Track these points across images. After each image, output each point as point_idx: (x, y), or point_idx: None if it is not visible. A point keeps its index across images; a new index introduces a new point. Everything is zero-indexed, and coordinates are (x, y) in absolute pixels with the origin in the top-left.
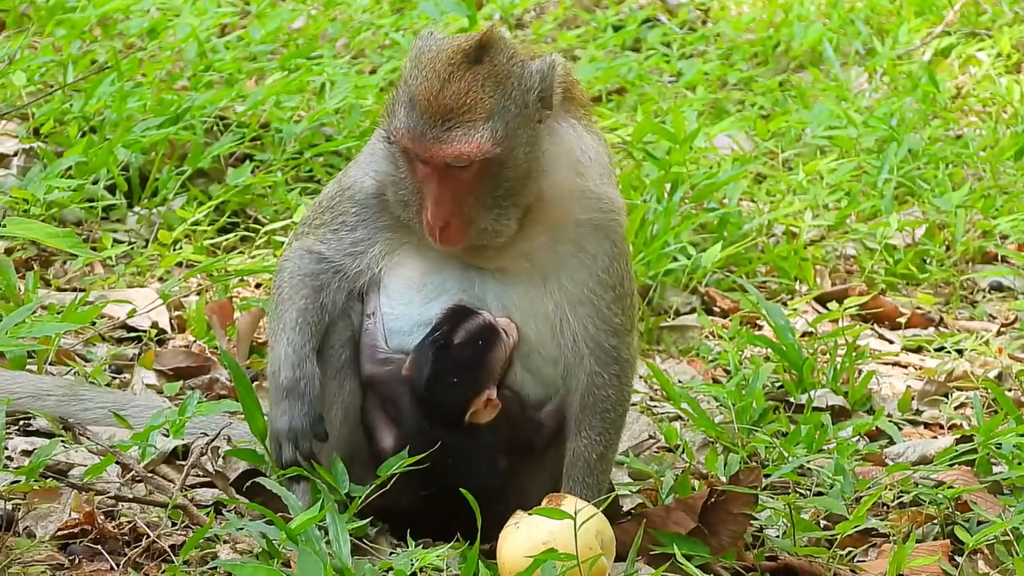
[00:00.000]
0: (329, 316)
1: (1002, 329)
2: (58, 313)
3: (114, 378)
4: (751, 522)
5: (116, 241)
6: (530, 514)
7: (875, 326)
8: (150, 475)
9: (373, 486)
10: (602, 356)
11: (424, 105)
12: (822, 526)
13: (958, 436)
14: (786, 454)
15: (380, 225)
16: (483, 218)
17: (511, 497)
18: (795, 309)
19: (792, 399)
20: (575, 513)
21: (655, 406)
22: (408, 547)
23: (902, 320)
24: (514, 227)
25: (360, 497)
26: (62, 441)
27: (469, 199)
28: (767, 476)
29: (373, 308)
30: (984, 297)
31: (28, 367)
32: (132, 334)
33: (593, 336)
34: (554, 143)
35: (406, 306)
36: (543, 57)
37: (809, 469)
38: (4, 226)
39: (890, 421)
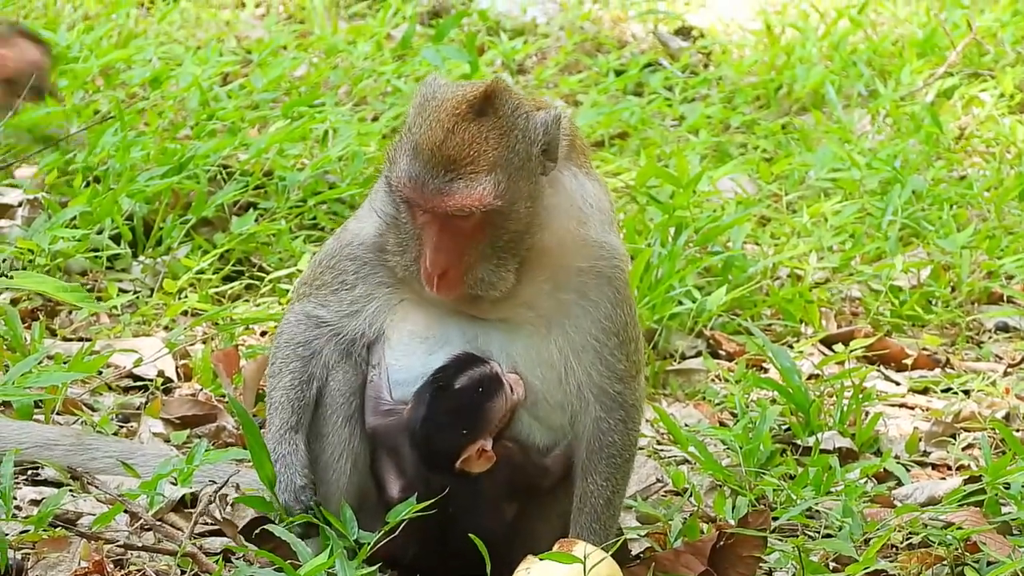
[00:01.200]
0: (319, 382)
1: (1009, 369)
2: (64, 363)
3: (121, 427)
4: (760, 565)
5: (121, 290)
6: (540, 559)
7: (881, 368)
8: (159, 523)
9: (381, 533)
10: (607, 402)
11: (427, 155)
12: (831, 568)
13: (966, 477)
14: (794, 496)
15: (378, 280)
16: (481, 268)
17: (520, 542)
18: (801, 351)
19: (799, 441)
20: (584, 558)
21: (662, 450)
22: None
23: (908, 361)
24: (512, 280)
25: (369, 544)
26: (70, 490)
27: (469, 248)
28: (775, 519)
29: (377, 360)
30: (990, 338)
31: (35, 417)
32: (138, 383)
33: (597, 383)
34: (556, 193)
35: (410, 357)
36: (548, 109)
37: (817, 511)
38: (11, 277)
39: (898, 462)
